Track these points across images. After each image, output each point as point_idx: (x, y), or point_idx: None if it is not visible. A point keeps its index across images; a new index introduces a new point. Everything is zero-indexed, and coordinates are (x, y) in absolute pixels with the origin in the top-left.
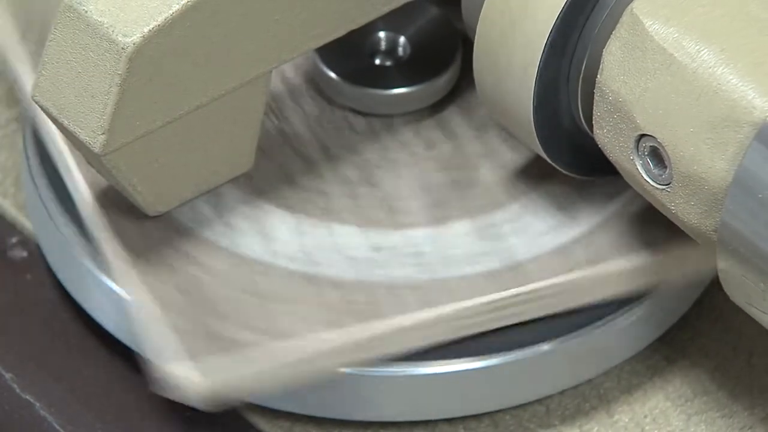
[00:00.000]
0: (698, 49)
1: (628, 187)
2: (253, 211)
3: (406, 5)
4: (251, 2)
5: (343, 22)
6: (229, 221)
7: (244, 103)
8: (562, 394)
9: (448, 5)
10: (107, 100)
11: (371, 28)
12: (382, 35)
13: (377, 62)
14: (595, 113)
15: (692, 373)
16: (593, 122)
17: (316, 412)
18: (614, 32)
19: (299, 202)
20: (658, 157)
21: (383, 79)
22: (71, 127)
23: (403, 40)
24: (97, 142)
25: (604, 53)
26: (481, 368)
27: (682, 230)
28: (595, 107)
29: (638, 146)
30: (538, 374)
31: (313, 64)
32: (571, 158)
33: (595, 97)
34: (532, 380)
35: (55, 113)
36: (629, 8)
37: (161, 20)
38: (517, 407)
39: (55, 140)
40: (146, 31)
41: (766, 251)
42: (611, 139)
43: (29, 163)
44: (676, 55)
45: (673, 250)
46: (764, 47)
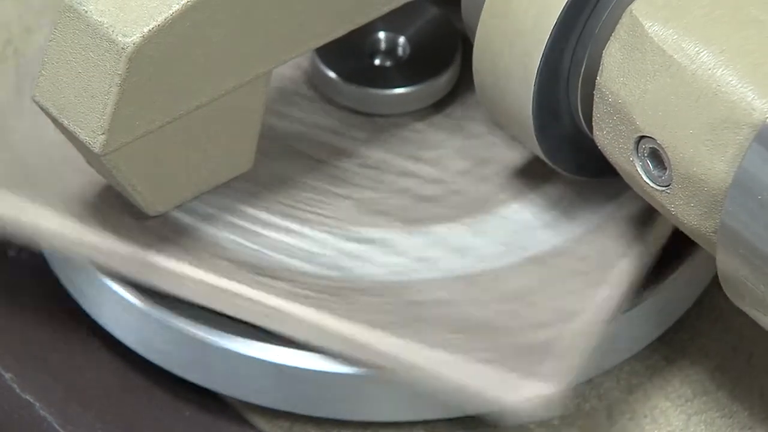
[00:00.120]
0: (697, 50)
1: (627, 188)
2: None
3: (405, 5)
4: (251, 2)
5: (342, 22)
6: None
7: (244, 103)
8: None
9: (447, 5)
10: (107, 100)
11: (371, 28)
12: (381, 35)
13: (377, 62)
14: (594, 115)
15: (692, 373)
16: (593, 124)
17: (316, 412)
18: (614, 34)
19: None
20: (657, 158)
21: (383, 79)
22: (71, 127)
23: (402, 40)
24: (96, 142)
25: (603, 55)
26: None
27: (681, 231)
28: (594, 109)
29: (638, 148)
30: None
31: (312, 64)
32: (570, 159)
33: (594, 98)
34: None
35: (55, 113)
36: (628, 10)
37: (161, 20)
38: None
39: None
40: (146, 31)
41: (765, 252)
42: (611, 140)
43: None
44: (675, 56)
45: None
46: (764, 49)
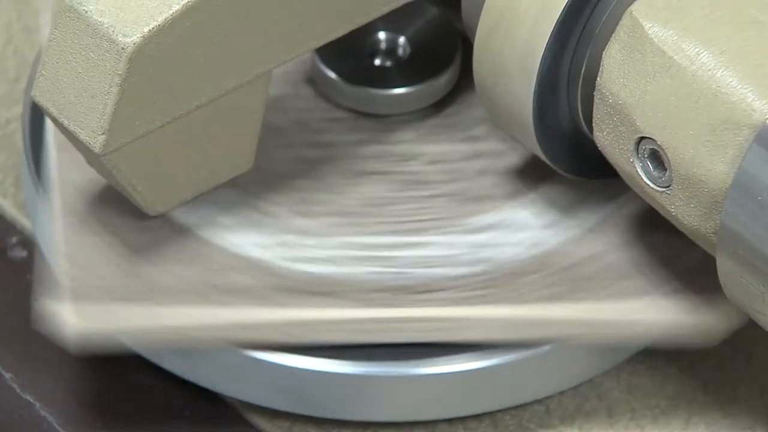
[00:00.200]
0: (697, 51)
1: (627, 188)
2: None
3: (405, 5)
4: (251, 2)
5: (342, 22)
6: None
7: (244, 103)
8: (562, 394)
9: (447, 5)
10: (107, 100)
11: (371, 28)
12: (381, 35)
13: (377, 62)
14: (594, 116)
15: (692, 373)
16: (593, 124)
17: (316, 412)
18: (614, 35)
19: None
20: (657, 159)
21: (383, 79)
22: (71, 127)
23: (402, 40)
24: (97, 142)
25: (603, 56)
26: (481, 368)
27: (681, 232)
28: (594, 110)
29: (638, 149)
30: (538, 374)
31: (313, 64)
32: (570, 160)
33: (594, 99)
34: (532, 380)
35: (55, 113)
36: (628, 11)
37: (161, 20)
38: (517, 407)
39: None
40: (146, 31)
41: (765, 253)
42: (611, 141)
43: (29, 163)
44: (675, 57)
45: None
46: (764, 50)
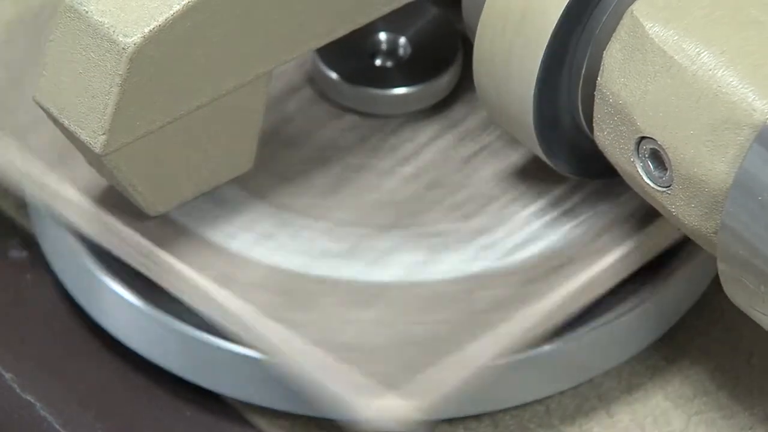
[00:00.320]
0: (698, 51)
1: (627, 188)
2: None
3: (406, 5)
4: (251, 2)
5: (343, 22)
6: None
7: (244, 103)
8: (562, 394)
9: (448, 5)
10: (108, 100)
11: (371, 28)
12: (382, 36)
13: (378, 63)
14: (595, 115)
15: (692, 373)
16: (593, 124)
17: (315, 412)
18: (614, 34)
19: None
20: (658, 159)
21: (383, 79)
22: (72, 127)
23: (403, 40)
24: (97, 142)
25: (604, 55)
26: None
27: (681, 231)
28: (595, 109)
29: (639, 148)
30: (538, 374)
31: (313, 64)
32: (571, 160)
33: (595, 99)
34: (532, 380)
35: (55, 114)
36: (629, 10)
37: (162, 20)
38: (517, 407)
39: None
40: (147, 31)
41: (765, 253)
42: (612, 141)
43: None
44: (676, 57)
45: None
46: (764, 49)
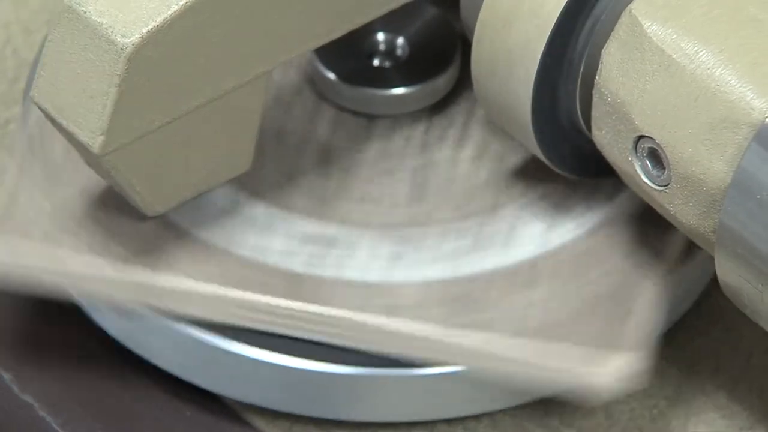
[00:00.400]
0: (696, 50)
1: (627, 188)
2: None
3: (405, 5)
4: (251, 2)
5: (342, 22)
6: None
7: (242, 103)
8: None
9: (447, 6)
10: (106, 100)
11: (370, 28)
12: (381, 36)
13: (376, 63)
14: (593, 114)
15: (692, 373)
16: (592, 123)
17: (315, 412)
18: (613, 33)
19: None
20: (656, 158)
21: (382, 79)
22: (70, 127)
23: (401, 40)
24: (95, 142)
25: (602, 54)
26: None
27: (680, 231)
28: (593, 108)
29: (637, 147)
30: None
31: (311, 64)
32: (569, 160)
33: (593, 98)
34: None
35: (53, 114)
36: (628, 9)
37: (160, 21)
38: (516, 407)
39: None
40: (145, 31)
41: (764, 252)
42: (610, 140)
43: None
44: (674, 56)
45: None
46: (763, 48)
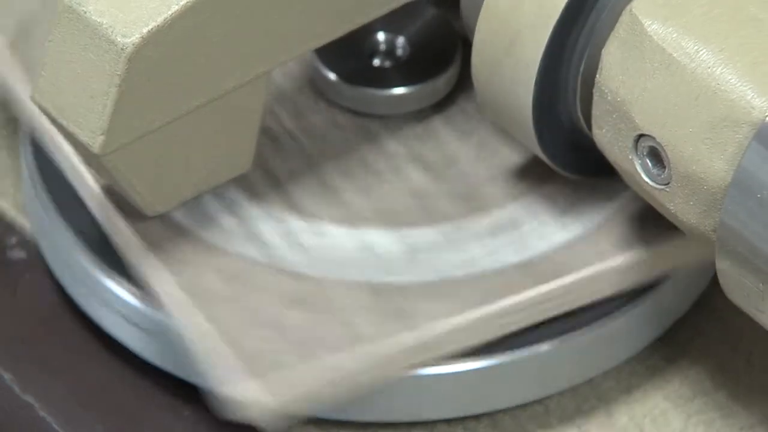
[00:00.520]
0: (697, 49)
1: (627, 188)
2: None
3: (405, 5)
4: (251, 2)
5: (342, 22)
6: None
7: (243, 103)
8: (561, 394)
9: (447, 5)
10: (106, 100)
11: (370, 28)
12: (381, 36)
13: (376, 63)
14: (594, 113)
15: (692, 373)
16: (592, 122)
17: (315, 412)
18: (613, 32)
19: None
20: (657, 157)
21: (382, 79)
22: (70, 127)
23: (402, 40)
24: (96, 142)
25: (603, 53)
26: (480, 368)
27: (680, 230)
28: (594, 107)
29: (637, 146)
30: (538, 374)
31: (312, 64)
32: (569, 159)
33: (594, 97)
34: (531, 380)
35: (54, 114)
36: (628, 8)
37: (160, 21)
38: (516, 407)
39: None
40: (145, 31)
41: (764, 251)
42: (610, 139)
43: (28, 163)
44: (674, 55)
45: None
46: (763, 47)
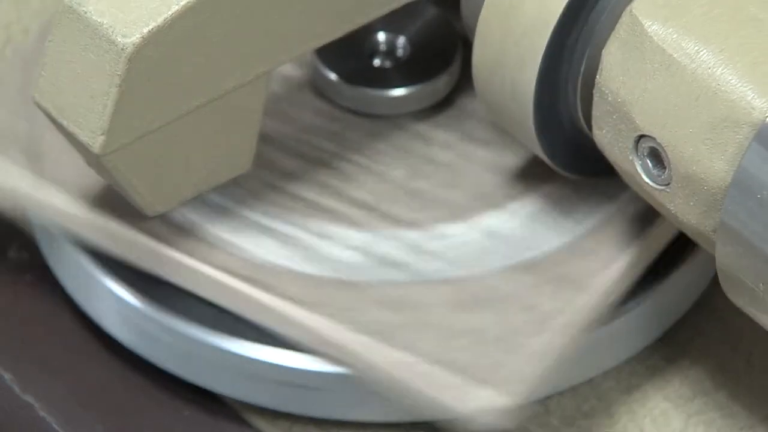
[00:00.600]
0: (697, 49)
1: (627, 188)
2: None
3: (405, 6)
4: (251, 2)
5: (342, 22)
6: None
7: (243, 103)
8: (561, 394)
9: (447, 6)
10: (106, 100)
11: (370, 28)
12: (381, 36)
13: (377, 63)
14: (594, 114)
15: (692, 373)
16: (592, 123)
17: (315, 412)
18: (613, 33)
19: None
20: (657, 157)
21: (382, 79)
22: (70, 128)
23: (402, 40)
24: (96, 142)
25: (603, 54)
26: None
27: (681, 231)
28: (594, 108)
29: (637, 147)
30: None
31: (312, 64)
32: (570, 159)
33: (594, 97)
34: None
35: (54, 114)
36: (628, 9)
37: (161, 21)
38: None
39: None
40: (146, 31)
41: (764, 251)
42: (610, 139)
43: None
44: (675, 55)
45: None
46: (763, 47)
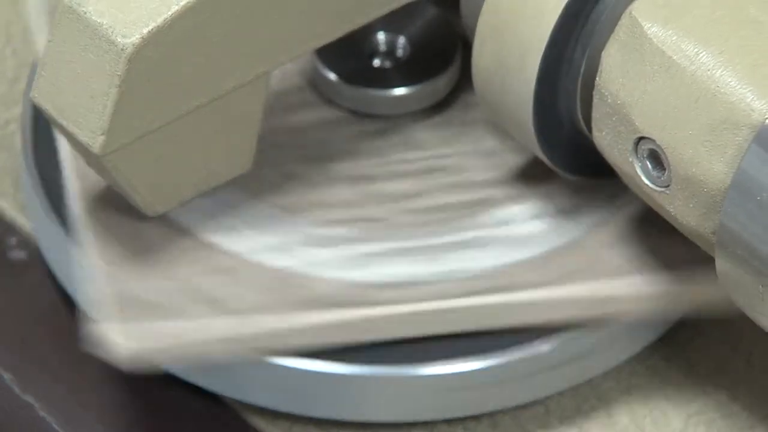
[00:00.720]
0: (697, 51)
1: (627, 189)
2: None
3: (405, 5)
4: (251, 2)
5: (342, 22)
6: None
7: (243, 103)
8: (561, 394)
9: (447, 6)
10: (106, 100)
11: (370, 28)
12: (381, 36)
13: (376, 63)
14: (594, 116)
15: (692, 373)
16: (592, 124)
17: (315, 412)
18: (613, 34)
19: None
20: (656, 159)
21: (382, 79)
22: (70, 128)
23: (402, 40)
24: (96, 143)
25: (603, 55)
26: (481, 368)
27: (680, 233)
28: (594, 110)
29: (637, 149)
30: (538, 374)
31: (312, 64)
32: (570, 160)
33: (594, 99)
34: (532, 380)
35: (54, 114)
36: (628, 10)
37: (160, 21)
38: (516, 407)
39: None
40: (145, 32)
41: (764, 253)
42: (610, 141)
43: (28, 163)
44: (674, 57)
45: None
46: (763, 49)
